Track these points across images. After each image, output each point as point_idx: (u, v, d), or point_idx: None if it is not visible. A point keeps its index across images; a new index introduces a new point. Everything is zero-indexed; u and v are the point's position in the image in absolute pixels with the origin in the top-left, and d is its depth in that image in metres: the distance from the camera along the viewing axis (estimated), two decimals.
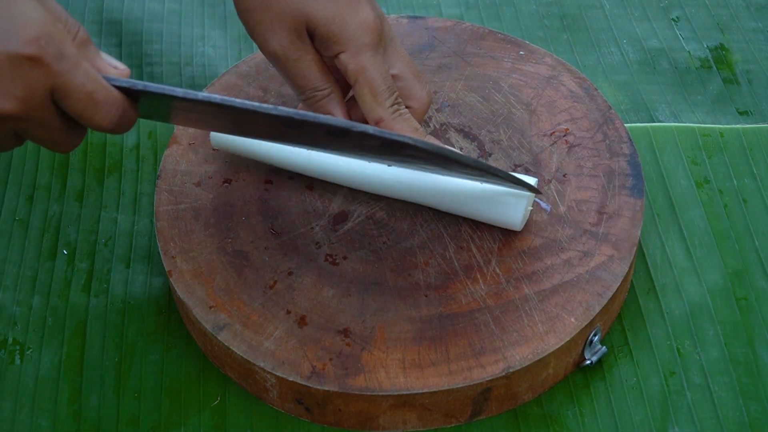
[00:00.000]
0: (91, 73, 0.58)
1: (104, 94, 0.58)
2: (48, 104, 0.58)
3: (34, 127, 0.58)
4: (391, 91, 0.71)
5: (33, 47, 0.56)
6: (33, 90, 0.56)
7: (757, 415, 0.72)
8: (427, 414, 0.70)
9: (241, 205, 0.77)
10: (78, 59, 0.57)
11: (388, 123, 0.71)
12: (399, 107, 0.72)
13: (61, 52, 0.57)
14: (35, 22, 0.56)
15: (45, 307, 0.79)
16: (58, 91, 0.57)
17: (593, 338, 0.73)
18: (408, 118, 0.72)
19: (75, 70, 0.57)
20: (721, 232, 0.81)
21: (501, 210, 0.73)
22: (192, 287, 0.73)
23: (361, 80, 0.70)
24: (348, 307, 0.72)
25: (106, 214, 0.84)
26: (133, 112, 0.61)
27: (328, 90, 0.72)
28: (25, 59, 0.56)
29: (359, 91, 0.71)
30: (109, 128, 0.59)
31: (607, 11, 1.00)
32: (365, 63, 0.70)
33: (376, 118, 0.71)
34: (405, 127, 0.72)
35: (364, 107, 0.72)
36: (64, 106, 0.58)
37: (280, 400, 0.72)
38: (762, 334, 0.76)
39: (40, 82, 0.56)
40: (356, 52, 0.70)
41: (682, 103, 0.92)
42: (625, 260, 0.73)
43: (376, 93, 0.71)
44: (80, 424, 0.73)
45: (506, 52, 0.86)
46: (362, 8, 0.70)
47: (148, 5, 1.01)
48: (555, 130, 0.80)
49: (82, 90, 0.57)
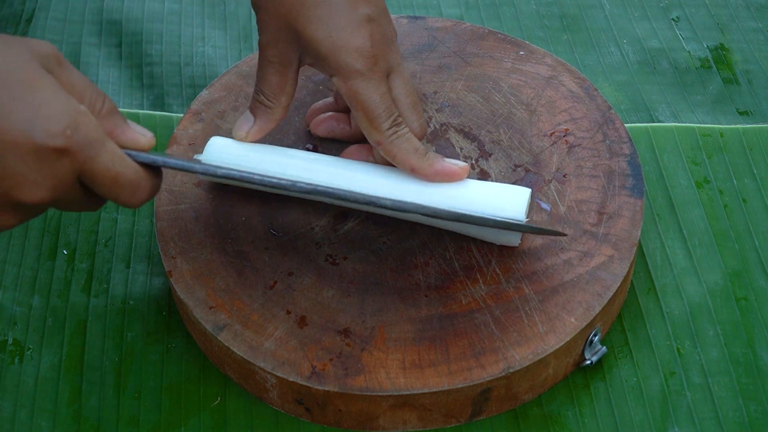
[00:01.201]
0: (116, 154, 0.59)
1: (128, 176, 0.60)
2: (75, 187, 0.59)
3: (61, 204, 0.60)
4: (388, 113, 0.70)
5: (60, 139, 0.56)
6: (61, 179, 0.57)
7: (757, 415, 0.72)
8: (427, 414, 0.70)
9: (241, 205, 0.77)
10: (103, 142, 0.58)
11: (386, 146, 0.71)
12: (398, 129, 0.71)
13: (87, 138, 0.57)
14: (60, 113, 0.56)
15: (45, 307, 0.79)
16: (84, 175, 0.58)
17: (593, 338, 0.73)
18: (408, 138, 0.71)
19: (100, 155, 0.58)
20: (721, 232, 0.81)
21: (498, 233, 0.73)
22: (192, 287, 0.73)
23: (355, 104, 0.70)
24: (348, 307, 0.72)
25: (106, 214, 0.84)
26: (157, 182, 0.63)
27: (272, 105, 0.72)
28: (52, 151, 0.56)
29: (355, 115, 0.71)
30: (134, 206, 0.62)
31: (607, 11, 1.00)
32: (357, 88, 0.69)
33: (374, 141, 0.71)
34: (404, 149, 0.71)
35: (362, 130, 0.71)
36: (91, 187, 0.59)
37: (280, 400, 0.72)
38: (762, 334, 0.76)
39: (67, 171, 0.57)
40: (347, 78, 0.69)
41: (682, 103, 0.92)
42: (625, 260, 0.73)
43: (372, 117, 0.70)
44: (80, 424, 0.73)
45: (506, 52, 0.86)
46: (358, 33, 0.69)
47: (148, 5, 1.01)
48: (555, 130, 0.80)
49: (107, 175, 0.59)
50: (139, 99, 0.94)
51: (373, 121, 0.70)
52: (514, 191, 0.72)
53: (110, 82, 0.95)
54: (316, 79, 0.84)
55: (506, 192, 0.72)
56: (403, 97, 0.72)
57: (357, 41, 0.69)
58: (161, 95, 0.94)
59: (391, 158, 0.72)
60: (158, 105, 0.93)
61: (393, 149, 0.71)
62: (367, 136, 0.72)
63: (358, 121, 0.71)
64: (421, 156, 0.71)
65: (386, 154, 0.71)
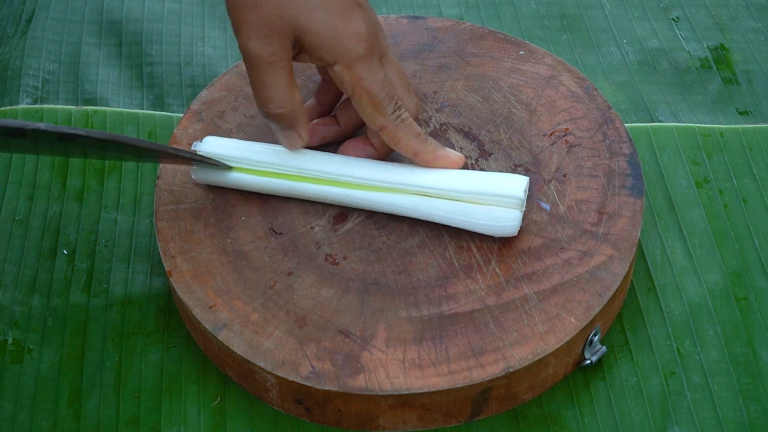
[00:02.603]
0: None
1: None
2: None
3: None
4: (390, 97, 0.71)
5: None
6: None
7: (757, 415, 0.72)
8: (427, 414, 0.70)
9: (241, 205, 0.77)
10: None
11: (390, 131, 0.71)
12: (400, 113, 0.71)
13: None
14: None
15: (45, 307, 0.79)
16: None
17: (593, 338, 0.73)
18: (410, 123, 0.72)
19: None
20: (721, 232, 0.81)
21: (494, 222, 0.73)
22: (192, 287, 0.73)
23: (359, 91, 0.70)
24: (348, 307, 0.72)
25: (106, 214, 0.84)
26: None
27: (288, 109, 0.71)
28: None
29: (358, 101, 0.71)
30: None
31: (607, 11, 1.00)
32: (361, 73, 0.69)
33: (378, 126, 0.71)
34: (408, 134, 0.72)
35: (365, 117, 0.71)
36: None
37: (280, 400, 0.72)
38: (762, 334, 0.76)
39: None
40: (350, 64, 0.69)
41: (682, 103, 0.92)
42: (625, 260, 0.73)
43: (376, 102, 0.70)
44: (80, 424, 0.73)
45: (506, 52, 0.86)
46: (354, 18, 0.69)
47: (148, 5, 1.01)
48: (555, 130, 0.80)
49: None
50: (139, 99, 0.94)
51: (378, 106, 0.70)
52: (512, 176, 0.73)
53: (110, 82, 0.95)
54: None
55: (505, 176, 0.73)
56: (396, 80, 0.73)
57: (355, 26, 0.69)
58: (161, 95, 0.94)
59: (394, 143, 0.72)
60: (158, 105, 0.93)
61: (398, 134, 0.71)
62: (370, 122, 0.72)
63: (361, 108, 0.71)
64: (423, 141, 0.72)
65: (390, 139, 0.72)
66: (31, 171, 0.87)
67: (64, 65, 0.96)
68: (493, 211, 0.72)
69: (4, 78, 0.94)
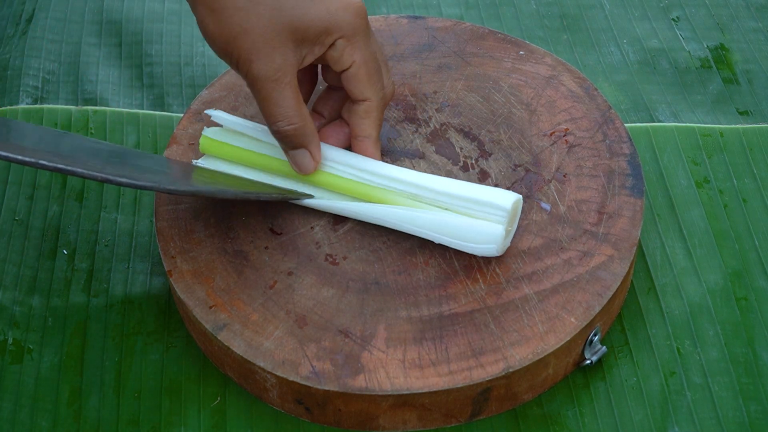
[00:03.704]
0: None
1: None
2: None
3: None
4: (379, 72, 0.73)
5: None
6: None
7: (757, 415, 0.72)
8: (427, 414, 0.70)
9: (241, 205, 0.77)
10: None
11: (373, 103, 0.74)
12: (384, 89, 0.74)
13: None
14: None
15: (45, 307, 0.79)
16: None
17: (593, 338, 0.73)
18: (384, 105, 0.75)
19: None
20: (721, 232, 0.81)
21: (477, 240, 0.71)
22: (192, 287, 0.73)
23: (359, 62, 0.72)
24: (348, 307, 0.72)
25: (106, 214, 0.84)
26: None
27: (298, 125, 0.71)
28: None
29: (354, 72, 0.72)
30: None
31: (607, 11, 1.00)
32: (363, 44, 0.72)
33: (365, 96, 0.73)
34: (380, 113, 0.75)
35: (355, 88, 0.73)
36: None
37: (280, 400, 0.72)
38: (762, 334, 0.76)
39: None
40: (352, 35, 0.71)
41: (682, 103, 0.92)
42: (625, 260, 0.73)
43: (372, 73, 0.73)
44: (80, 424, 0.73)
45: (506, 52, 0.86)
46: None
47: (148, 5, 1.01)
48: (555, 130, 0.80)
49: None
50: (139, 99, 0.94)
51: (372, 77, 0.73)
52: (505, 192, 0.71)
53: (110, 82, 0.95)
54: None
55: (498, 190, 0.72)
56: (381, 58, 0.75)
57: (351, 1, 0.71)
58: (161, 95, 0.94)
59: (374, 117, 0.74)
60: (158, 105, 0.93)
61: (374, 111, 0.74)
62: (358, 93, 0.73)
63: (356, 78, 0.72)
64: (379, 128, 0.75)
65: (366, 111, 0.74)
66: (31, 171, 0.87)
67: (64, 65, 0.96)
68: (477, 226, 0.70)
69: (4, 78, 0.94)
